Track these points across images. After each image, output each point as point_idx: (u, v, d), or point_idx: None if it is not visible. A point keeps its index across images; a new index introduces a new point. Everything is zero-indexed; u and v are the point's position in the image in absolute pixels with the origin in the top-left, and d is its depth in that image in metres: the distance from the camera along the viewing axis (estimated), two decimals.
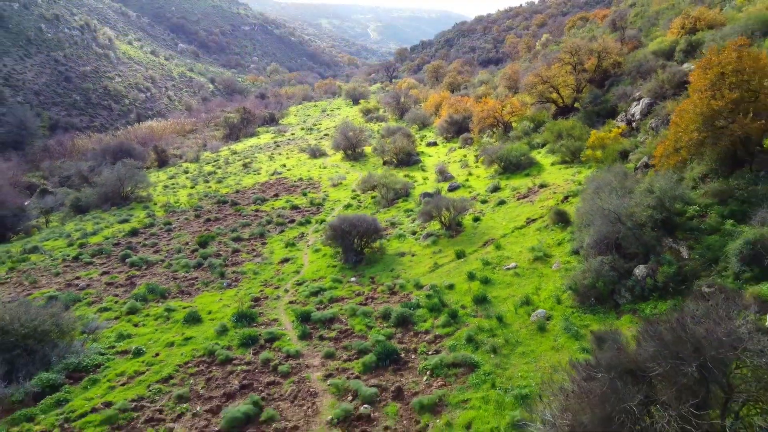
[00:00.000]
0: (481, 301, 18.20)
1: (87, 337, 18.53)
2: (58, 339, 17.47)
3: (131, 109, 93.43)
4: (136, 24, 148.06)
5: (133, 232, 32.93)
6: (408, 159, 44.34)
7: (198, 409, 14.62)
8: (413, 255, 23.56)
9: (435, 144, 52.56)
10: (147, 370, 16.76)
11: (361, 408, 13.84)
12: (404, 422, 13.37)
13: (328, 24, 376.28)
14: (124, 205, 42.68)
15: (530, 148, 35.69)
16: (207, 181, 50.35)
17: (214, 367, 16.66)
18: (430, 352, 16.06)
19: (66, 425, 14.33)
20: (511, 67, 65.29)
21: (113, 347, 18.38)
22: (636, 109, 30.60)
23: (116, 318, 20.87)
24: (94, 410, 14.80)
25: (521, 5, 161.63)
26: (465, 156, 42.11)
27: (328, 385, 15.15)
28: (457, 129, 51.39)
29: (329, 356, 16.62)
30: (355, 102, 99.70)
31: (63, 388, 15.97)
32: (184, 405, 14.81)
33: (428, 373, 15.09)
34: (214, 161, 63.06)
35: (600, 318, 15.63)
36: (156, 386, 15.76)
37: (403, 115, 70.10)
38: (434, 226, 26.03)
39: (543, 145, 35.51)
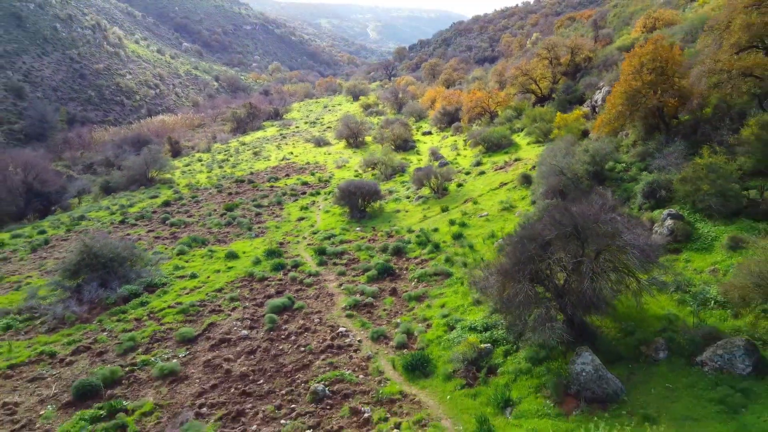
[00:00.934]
0: (458, 237, 23.82)
1: (153, 266, 24.14)
2: (133, 265, 23.08)
3: (142, 104, 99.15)
4: (141, 23, 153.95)
5: (166, 203, 38.50)
6: (405, 144, 49.91)
7: (247, 304, 20.23)
8: (407, 211, 29.20)
9: (430, 133, 58.10)
10: (203, 285, 22.36)
11: (366, 299, 19.46)
12: (397, 306, 19.00)
13: (328, 23, 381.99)
14: (150, 186, 48.12)
15: (511, 132, 41.26)
16: (221, 167, 55.79)
17: (254, 283, 22.26)
18: (417, 269, 21.68)
19: (151, 315, 19.94)
20: (501, 64, 70.94)
21: (173, 274, 23.95)
22: (598, 96, 36.20)
23: (169, 258, 26.43)
24: (170, 307, 20.40)
25: (517, 5, 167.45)
26: (455, 141, 47.69)
27: (342, 289, 20.78)
28: (450, 119, 56.93)
29: (341, 274, 22.25)
30: (356, 98, 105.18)
31: (143, 295, 21.59)
32: (236, 303, 20.43)
33: (416, 280, 20.73)
34: (225, 151, 68.49)
35: None
36: (212, 294, 21.38)
37: (401, 109, 75.64)
38: (425, 191, 31.65)
39: (522, 129, 41.11)
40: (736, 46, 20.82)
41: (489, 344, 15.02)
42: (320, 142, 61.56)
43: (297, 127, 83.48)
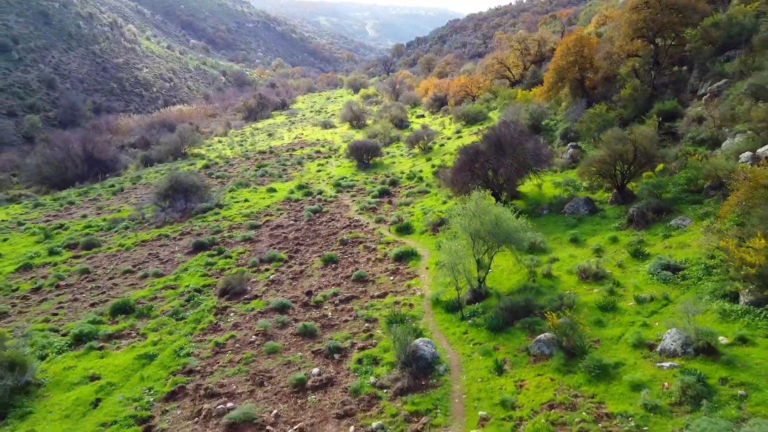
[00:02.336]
0: (436, 174, 33.68)
1: (217, 193, 34.01)
2: (204, 192, 32.94)
3: (158, 96, 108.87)
4: (151, 21, 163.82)
5: (206, 167, 48.32)
6: (400, 124, 59.78)
7: (290, 212, 30.09)
8: (400, 162, 39.14)
9: (423, 116, 68.01)
10: (254, 205, 32.21)
11: (371, 205, 29.37)
12: (392, 208, 28.90)
13: (327, 22, 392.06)
14: (185, 158, 57.91)
15: (488, 109, 51.14)
16: (241, 145, 65.59)
17: (291, 203, 32.10)
18: (406, 191, 31.57)
19: (224, 218, 29.78)
20: (488, 58, 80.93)
21: (231, 200, 33.78)
22: None
23: (223, 193, 36.25)
24: (236, 214, 30.25)
25: (510, 4, 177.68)
26: (443, 120, 57.62)
27: (354, 202, 30.71)
28: (440, 104, 66.82)
29: (353, 196, 32.19)
30: (356, 91, 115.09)
31: (215, 209, 31.45)
32: (282, 211, 30.28)
33: (405, 196, 30.63)
34: (241, 134, 78.28)
35: None
36: (263, 208, 31.23)
37: (398, 98, 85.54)
38: (415, 150, 41.58)
39: (496, 108, 51.04)
40: (627, 36, 30.78)
41: (446, 216, 24.91)
42: (326, 125, 71.42)
43: (303, 115, 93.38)
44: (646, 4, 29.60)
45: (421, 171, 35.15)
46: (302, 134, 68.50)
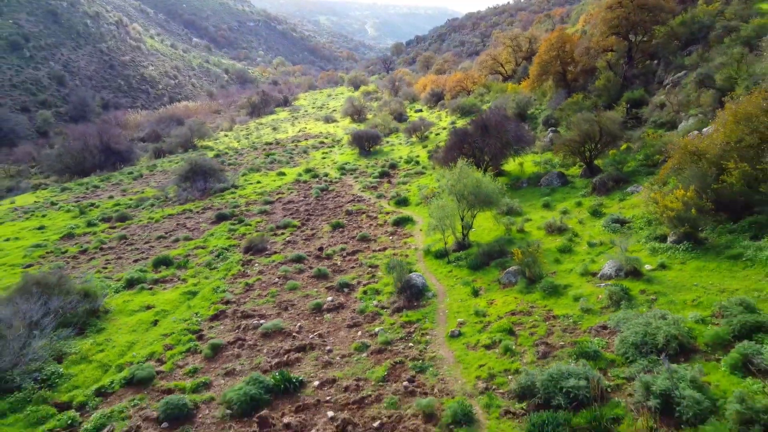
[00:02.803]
0: (430, 156, 37.22)
1: (232, 176, 37.55)
2: (220, 174, 36.47)
3: (164, 93, 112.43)
4: (154, 20, 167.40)
5: (217, 156, 51.82)
6: (399, 117, 63.33)
7: (299, 191, 33.63)
8: (399, 150, 42.69)
9: (420, 111, 71.53)
10: (266, 186, 35.73)
11: (373, 184, 32.91)
12: (391, 187, 32.42)
13: (326, 21, 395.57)
14: (195, 150, 61.40)
15: (481, 102, 54.68)
16: (247, 138, 69.09)
17: (300, 185, 35.62)
18: (404, 174, 35.10)
19: (240, 197, 33.31)
20: (482, 54, 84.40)
21: (244, 182, 37.31)
22: None
23: (236, 178, 39.77)
24: (251, 195, 33.79)
25: (508, 2, 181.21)
26: (439, 114, 61.19)
27: (356, 182, 34.24)
28: (437, 99, 70.37)
29: (355, 177, 35.71)
30: (356, 88, 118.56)
31: (231, 189, 34.98)
32: (292, 190, 33.81)
33: (402, 177, 34.16)
34: (246, 129, 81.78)
35: None
36: (275, 189, 34.75)
37: (397, 94, 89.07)
38: (413, 139, 45.13)
39: (488, 101, 54.59)
40: (603, 33, 34.37)
41: (438, 191, 28.45)
42: (328, 119, 74.92)
43: (306, 111, 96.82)
44: (620, 4, 33.21)
45: (417, 156, 38.71)
46: (306, 128, 71.91)
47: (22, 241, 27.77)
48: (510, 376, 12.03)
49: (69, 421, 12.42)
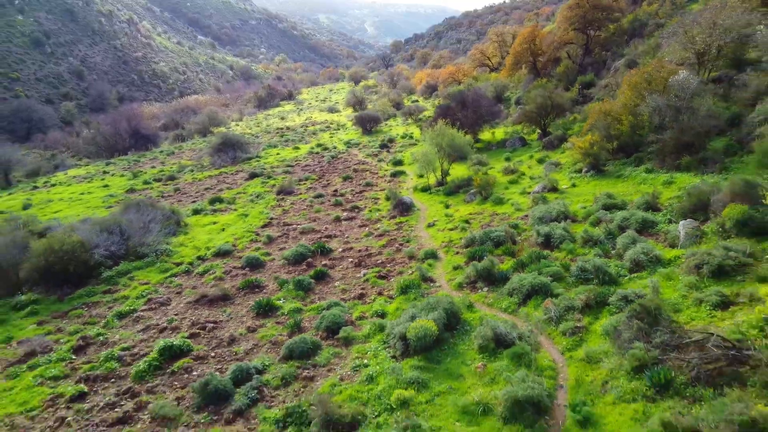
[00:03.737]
0: (421, 128, 44.82)
1: (255, 148, 45.15)
2: (245, 147, 44.07)
3: (174, 87, 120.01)
4: (160, 18, 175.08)
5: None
6: (397, 105, 70.98)
7: (313, 159, 41.25)
8: (396, 129, 50.36)
9: (416, 101, 79.17)
10: (285, 156, 43.30)
11: (374, 152, 40.54)
12: (390, 154, 40.03)
13: (326, 19, 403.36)
14: (213, 136, 68.89)
15: (469, 90, 62.24)
16: (258, 126, 76.64)
17: (313, 155, 43.18)
18: (400, 145, 42.70)
19: (265, 163, 40.87)
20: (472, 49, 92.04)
21: (265, 154, 44.88)
22: None
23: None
24: (273, 161, 41.37)
25: (504, 2, 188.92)
26: (433, 102, 68.79)
27: (360, 151, 41.85)
28: (431, 90, 77.99)
29: (359, 149, 43.31)
30: (357, 83, 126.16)
31: (256, 158, 42.55)
32: (308, 159, 41.41)
33: (398, 147, 41.77)
34: (255, 119, 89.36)
35: None
36: (292, 159, 42.33)
37: (395, 86, 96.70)
38: (408, 122, 52.77)
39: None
40: (565, 29, 42.02)
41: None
42: (332, 110, 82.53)
43: (310, 104, 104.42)
44: (578, 5, 40.93)
45: (411, 133, 46.33)
46: (311, 117, 79.45)
47: (95, 194, 35.36)
48: (462, 239, 19.65)
49: (185, 269, 20.06)
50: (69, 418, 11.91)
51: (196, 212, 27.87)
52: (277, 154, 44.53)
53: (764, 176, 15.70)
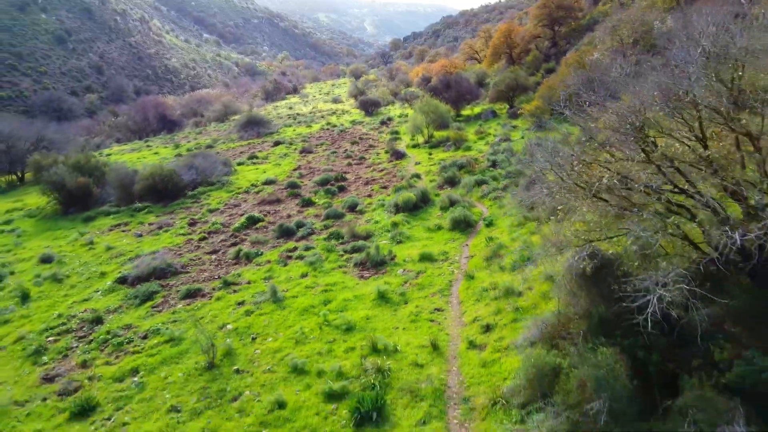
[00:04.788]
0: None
1: (275, 125, 54.33)
2: (266, 124, 53.22)
3: (185, 82, 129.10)
4: (167, 17, 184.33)
5: None
6: (395, 95, 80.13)
7: (326, 133, 50.42)
8: (394, 111, 59.59)
9: (413, 90, 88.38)
10: (301, 131, 52.46)
11: (375, 127, 49.74)
12: (389, 128, 49.22)
13: (326, 18, 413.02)
14: (231, 121, 77.94)
15: None
16: (269, 115, 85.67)
17: (324, 130, 52.31)
18: (396, 122, 51.87)
19: (283, 136, 50.01)
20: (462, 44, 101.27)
21: (282, 131, 54.02)
22: None
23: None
24: (291, 135, 50.52)
25: (499, 1, 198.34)
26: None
27: (364, 128, 51.03)
28: (427, 82, 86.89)
29: (364, 126, 52.47)
30: (358, 79, 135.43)
31: (275, 132, 51.68)
32: (319, 132, 50.59)
33: (395, 124, 50.97)
34: (264, 110, 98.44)
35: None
36: (306, 133, 51.48)
37: (394, 80, 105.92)
38: (405, 106, 62.00)
39: None
40: (535, 25, 51.25)
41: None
42: (336, 100, 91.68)
43: (314, 97, 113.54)
44: (545, 5, 50.18)
45: (407, 114, 55.43)
46: (317, 107, 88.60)
47: (150, 159, 44.42)
48: (437, 168, 28.75)
49: (245, 191, 29.21)
50: (202, 245, 21.03)
51: (239, 164, 36.95)
52: (293, 130, 53.64)
53: None
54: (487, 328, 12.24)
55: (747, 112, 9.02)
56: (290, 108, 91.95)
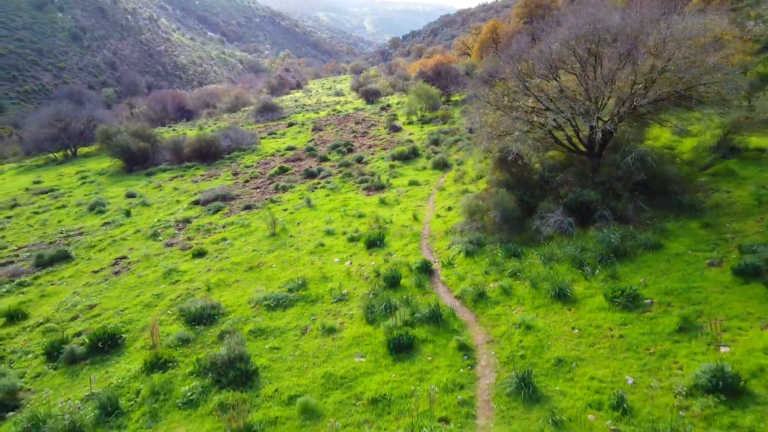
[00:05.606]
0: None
1: (287, 111, 61.76)
2: (279, 110, 60.68)
3: (193, 78, 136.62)
4: (173, 16, 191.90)
5: None
6: (394, 87, 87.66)
7: (334, 117, 57.93)
8: (393, 100, 67.08)
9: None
10: (310, 117, 59.93)
11: (376, 112, 57.28)
12: (387, 113, 56.73)
13: (326, 17, 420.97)
14: (244, 111, 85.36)
15: None
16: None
17: (331, 116, 59.76)
18: (395, 108, 59.36)
19: (296, 120, 57.50)
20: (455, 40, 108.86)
21: (293, 114, 61.49)
22: None
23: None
24: (302, 119, 58.03)
25: (496, 0, 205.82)
26: None
27: (366, 113, 58.56)
28: (424, 76, 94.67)
29: (365, 112, 59.97)
30: (358, 75, 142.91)
31: (290, 116, 59.17)
32: (327, 117, 58.10)
33: (394, 109, 58.49)
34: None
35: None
36: (316, 117, 58.97)
37: (393, 75, 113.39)
38: (402, 95, 69.50)
39: None
40: (516, 21, 58.71)
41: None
42: (338, 93, 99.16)
43: (317, 91, 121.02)
44: (525, 4, 57.70)
45: (404, 101, 62.89)
46: (321, 99, 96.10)
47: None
48: (426, 138, 36.21)
49: (271, 155, 36.66)
50: (247, 185, 28.46)
51: (261, 139, 44.40)
52: (303, 115, 61.09)
53: None
54: (449, 209, 19.68)
55: (587, 66, 16.49)
56: (296, 101, 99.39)
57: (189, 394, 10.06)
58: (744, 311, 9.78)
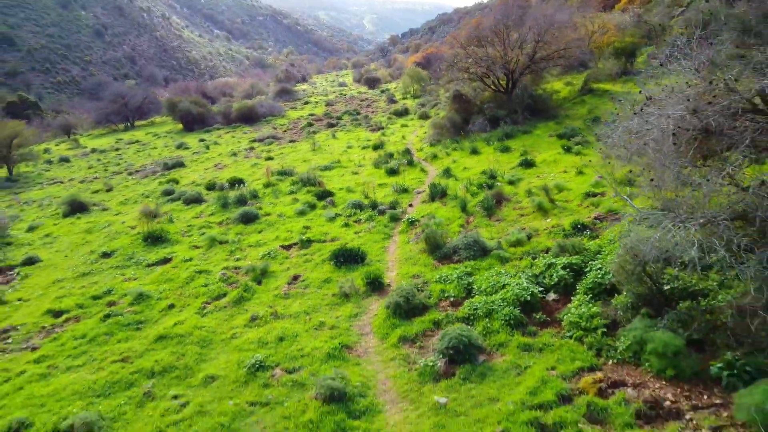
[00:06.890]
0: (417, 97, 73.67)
1: (301, 95, 73.85)
2: (295, 93, 72.72)
3: (205, 72, 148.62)
4: (181, 14, 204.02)
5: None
6: (392, 77, 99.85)
7: (340, 102, 70.06)
8: (392, 86, 79.25)
9: None
10: (320, 99, 72.01)
11: (376, 96, 69.42)
12: (377, 95, 68.86)
13: (326, 16, 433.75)
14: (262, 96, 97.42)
15: None
16: None
17: (338, 97, 71.86)
18: (393, 91, 71.50)
19: (309, 101, 69.59)
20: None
21: (304, 96, 73.59)
22: None
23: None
24: (315, 101, 70.16)
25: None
26: None
27: (368, 95, 70.71)
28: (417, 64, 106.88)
29: (366, 95, 72.09)
30: (360, 69, 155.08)
31: (301, 99, 71.29)
32: (335, 99, 70.22)
33: (391, 92, 70.64)
34: None
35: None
36: (325, 99, 71.09)
37: (391, 67, 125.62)
38: (399, 81, 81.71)
39: None
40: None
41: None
42: (342, 85, 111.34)
43: (322, 84, 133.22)
44: (506, 2, 70.01)
45: (400, 84, 75.06)
46: (327, 89, 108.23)
47: None
48: (415, 105, 48.31)
49: (297, 120, 48.79)
50: (285, 133, 40.54)
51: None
52: (315, 98, 73.13)
53: None
54: (425, 133, 31.76)
55: (503, 38, 28.58)
56: (304, 91, 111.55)
57: (288, 192, 22.11)
58: (548, 148, 21.83)
